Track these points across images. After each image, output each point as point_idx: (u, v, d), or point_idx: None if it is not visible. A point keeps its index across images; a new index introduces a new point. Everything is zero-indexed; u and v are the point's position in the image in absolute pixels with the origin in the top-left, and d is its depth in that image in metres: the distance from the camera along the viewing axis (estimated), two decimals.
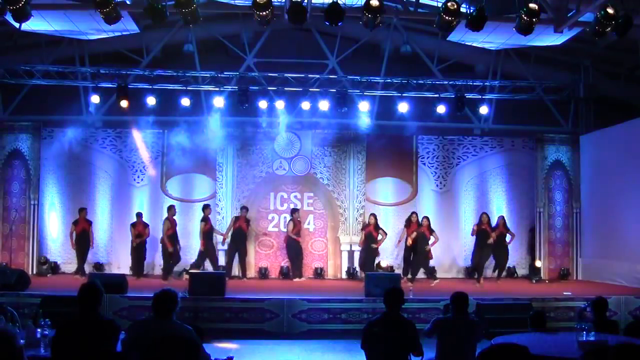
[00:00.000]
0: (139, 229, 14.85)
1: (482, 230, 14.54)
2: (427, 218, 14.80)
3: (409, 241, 14.69)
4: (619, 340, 5.77)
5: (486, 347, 5.41)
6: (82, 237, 14.80)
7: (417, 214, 15.02)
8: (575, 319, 10.16)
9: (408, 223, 15.04)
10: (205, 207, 14.81)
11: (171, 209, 14.74)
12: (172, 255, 14.38)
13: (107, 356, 4.73)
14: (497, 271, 15.05)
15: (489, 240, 14.45)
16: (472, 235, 14.85)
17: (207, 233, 14.64)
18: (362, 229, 15.31)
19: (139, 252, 14.83)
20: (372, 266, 14.76)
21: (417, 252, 14.59)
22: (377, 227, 14.88)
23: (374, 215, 15.08)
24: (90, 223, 15.01)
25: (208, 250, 14.63)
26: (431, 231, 14.67)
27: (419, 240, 14.56)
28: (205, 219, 14.65)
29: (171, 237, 14.44)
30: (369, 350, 6.04)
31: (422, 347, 6.05)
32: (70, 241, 14.88)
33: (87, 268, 14.93)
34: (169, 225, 14.51)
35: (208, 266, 14.80)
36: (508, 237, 14.93)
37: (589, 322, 6.35)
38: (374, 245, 14.73)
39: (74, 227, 14.82)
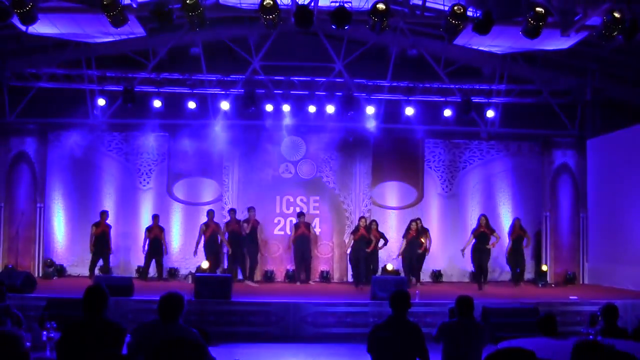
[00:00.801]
0: (155, 232, 14.81)
1: (481, 232, 14.42)
2: (415, 221, 14.60)
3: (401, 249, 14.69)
4: (627, 346, 5.71)
5: (492, 351, 5.38)
6: (100, 239, 14.60)
7: (415, 221, 14.74)
8: (582, 323, 10.09)
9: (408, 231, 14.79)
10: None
11: (210, 213, 14.80)
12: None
13: (113, 359, 4.71)
14: (516, 276, 14.77)
15: (487, 245, 14.32)
16: (471, 238, 14.55)
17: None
18: (352, 232, 14.86)
19: (157, 256, 14.78)
20: (370, 271, 14.30)
21: (412, 255, 14.50)
22: (368, 229, 14.51)
23: (364, 218, 14.82)
24: (109, 227, 14.82)
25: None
26: (420, 234, 14.52)
27: (411, 244, 14.47)
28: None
29: (208, 241, 14.53)
30: (375, 354, 6.01)
31: (428, 351, 6.02)
32: (90, 242, 14.58)
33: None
34: (205, 228, 14.60)
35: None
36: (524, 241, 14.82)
37: (597, 329, 6.30)
38: (367, 250, 14.43)
39: (95, 228, 14.61)
